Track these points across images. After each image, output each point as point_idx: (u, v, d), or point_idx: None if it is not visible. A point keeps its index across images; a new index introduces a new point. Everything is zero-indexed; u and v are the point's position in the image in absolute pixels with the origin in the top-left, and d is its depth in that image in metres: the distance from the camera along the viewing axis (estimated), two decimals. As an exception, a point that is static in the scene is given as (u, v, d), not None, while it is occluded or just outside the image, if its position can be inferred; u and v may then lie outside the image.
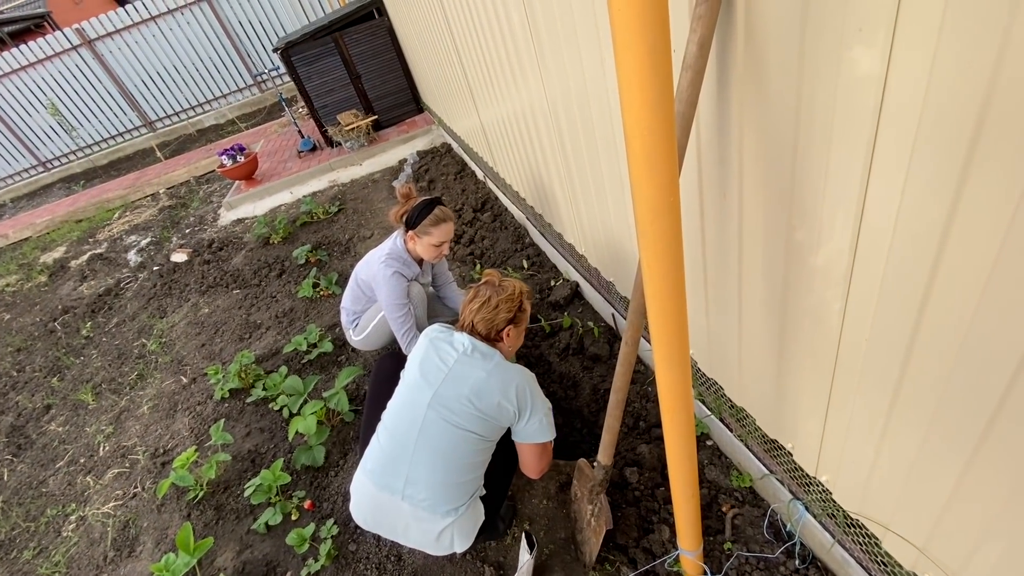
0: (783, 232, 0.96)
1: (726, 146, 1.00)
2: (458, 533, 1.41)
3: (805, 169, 0.85)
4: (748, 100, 0.90)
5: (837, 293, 0.91)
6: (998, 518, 0.80)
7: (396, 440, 1.43)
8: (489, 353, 1.48)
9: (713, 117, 1.00)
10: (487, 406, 1.40)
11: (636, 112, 0.64)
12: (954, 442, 0.81)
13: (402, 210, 2.03)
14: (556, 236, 2.61)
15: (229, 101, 9.79)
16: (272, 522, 1.90)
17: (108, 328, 3.86)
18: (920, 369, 0.81)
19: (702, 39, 0.84)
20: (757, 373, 1.29)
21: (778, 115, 0.85)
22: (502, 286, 1.54)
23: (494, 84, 2.55)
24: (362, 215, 4.24)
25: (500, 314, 1.50)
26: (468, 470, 1.42)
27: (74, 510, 2.37)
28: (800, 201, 0.89)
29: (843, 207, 0.81)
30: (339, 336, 2.80)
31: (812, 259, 0.93)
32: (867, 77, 0.68)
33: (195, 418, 2.62)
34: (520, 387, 1.43)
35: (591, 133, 1.66)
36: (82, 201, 7.17)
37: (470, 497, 1.44)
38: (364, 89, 5.54)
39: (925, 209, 0.68)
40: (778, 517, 1.47)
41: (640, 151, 0.66)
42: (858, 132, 0.72)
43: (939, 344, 0.76)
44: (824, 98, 0.75)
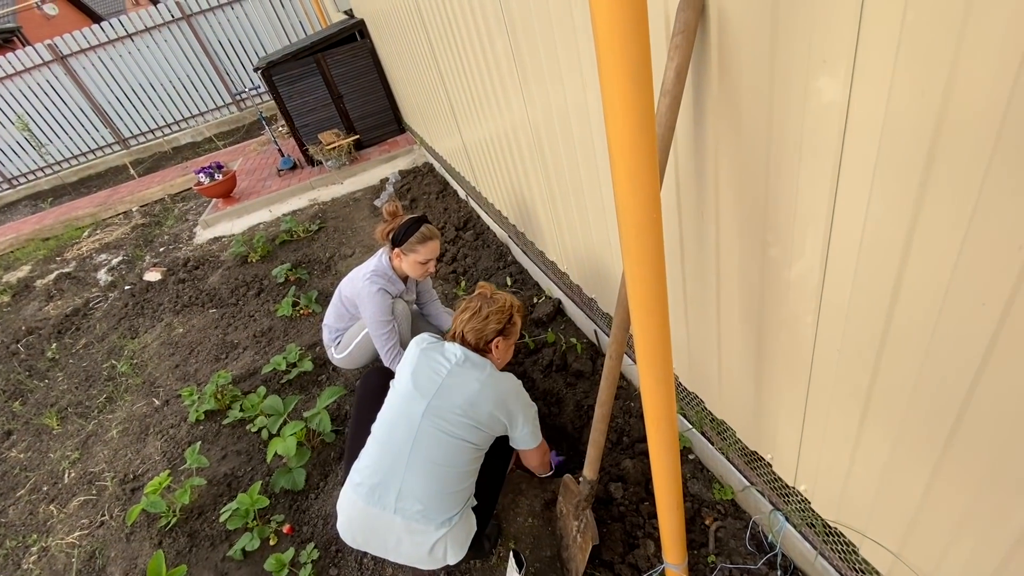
0: (758, 248, 1.01)
1: (703, 167, 1.05)
2: (452, 544, 1.40)
3: (777, 189, 0.90)
4: (723, 125, 0.95)
5: (810, 307, 0.95)
6: (965, 519, 0.84)
7: (389, 452, 1.42)
8: (481, 363, 1.49)
9: (690, 140, 1.05)
10: (481, 416, 1.42)
11: (620, 134, 0.67)
12: (922, 447, 0.86)
13: (388, 228, 2.05)
14: (538, 254, 2.65)
15: (207, 119, 9.69)
16: (249, 548, 1.85)
17: (75, 349, 3.73)
18: (888, 378, 0.86)
19: (679, 67, 0.90)
20: (736, 385, 1.33)
21: (751, 138, 0.90)
22: (493, 298, 1.58)
23: (477, 107, 2.60)
24: (343, 233, 4.23)
25: (490, 325, 1.53)
26: (461, 479, 1.42)
27: (36, 541, 2.26)
28: (773, 219, 0.94)
29: (813, 225, 0.86)
30: (320, 355, 2.77)
31: (786, 274, 0.98)
32: (831, 104, 0.73)
33: (168, 441, 2.53)
34: (509, 398, 1.46)
35: (573, 155, 1.71)
36: (49, 219, 6.96)
37: (463, 506, 1.43)
38: (346, 109, 5.57)
39: (887, 226, 0.73)
40: (760, 528, 1.50)
41: (624, 171, 0.69)
42: (825, 155, 0.77)
43: (904, 354, 0.80)
44: (793, 123, 0.80)
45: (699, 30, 0.89)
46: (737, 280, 1.12)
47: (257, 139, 7.76)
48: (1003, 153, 0.56)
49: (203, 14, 8.88)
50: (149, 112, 9.37)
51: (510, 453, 1.66)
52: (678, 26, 0.87)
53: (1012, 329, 0.64)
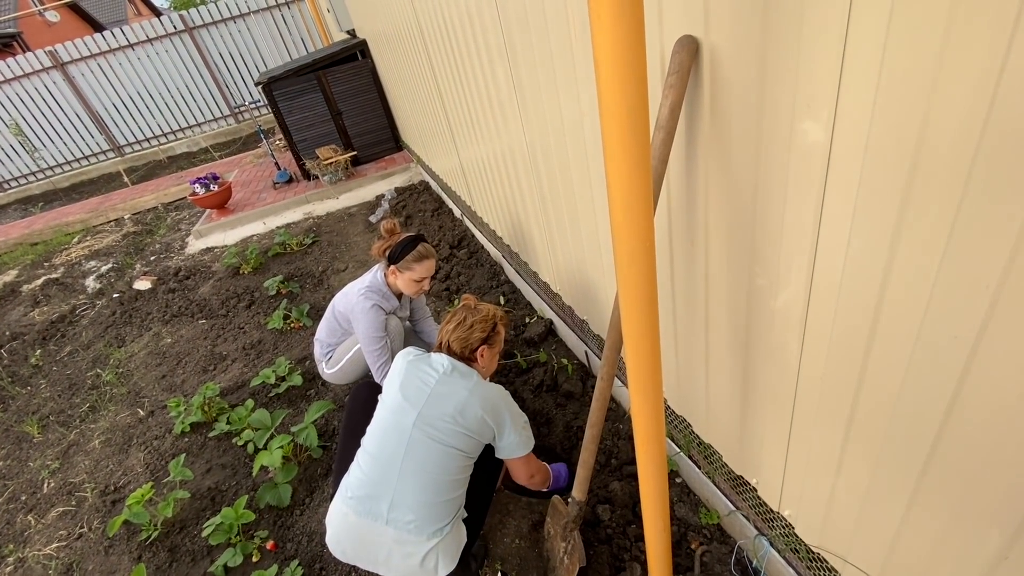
0: (745, 278, 1.05)
1: (693, 199, 1.09)
2: (443, 555, 1.40)
3: (764, 223, 0.94)
4: (713, 160, 1.00)
5: (795, 335, 0.99)
6: (942, 544, 0.87)
7: (380, 464, 1.43)
8: (468, 372, 1.53)
9: (682, 172, 1.10)
10: (471, 422, 1.44)
11: (617, 165, 0.71)
12: (900, 474, 0.89)
13: (386, 245, 2.07)
14: (531, 274, 2.68)
15: (204, 130, 9.73)
16: (232, 564, 1.82)
17: (60, 357, 3.68)
18: (867, 405, 0.89)
19: (673, 104, 0.95)
20: (723, 410, 1.36)
21: (739, 174, 0.94)
22: (477, 308, 1.64)
23: (476, 129, 2.66)
24: (337, 248, 4.24)
25: (474, 333, 1.57)
26: (452, 488, 1.43)
27: (12, 551, 2.20)
28: (760, 250, 0.98)
29: (798, 257, 0.90)
30: (309, 369, 2.76)
31: (772, 303, 1.02)
32: (815, 145, 0.78)
33: (151, 453, 2.50)
34: (498, 404, 1.49)
35: (568, 179, 1.76)
36: (39, 224, 6.90)
37: (454, 517, 1.44)
38: (344, 126, 5.64)
39: (867, 260, 0.77)
40: (745, 553, 1.51)
41: (620, 200, 0.73)
42: (809, 191, 0.82)
43: (882, 382, 0.84)
44: (779, 161, 0.85)
45: (692, 71, 0.94)
46: (725, 307, 1.16)
47: (254, 151, 7.79)
48: (972, 196, 0.61)
49: (206, 27, 8.99)
50: (146, 121, 9.40)
51: (499, 468, 1.67)
52: (673, 66, 0.93)
53: (983, 361, 0.68)
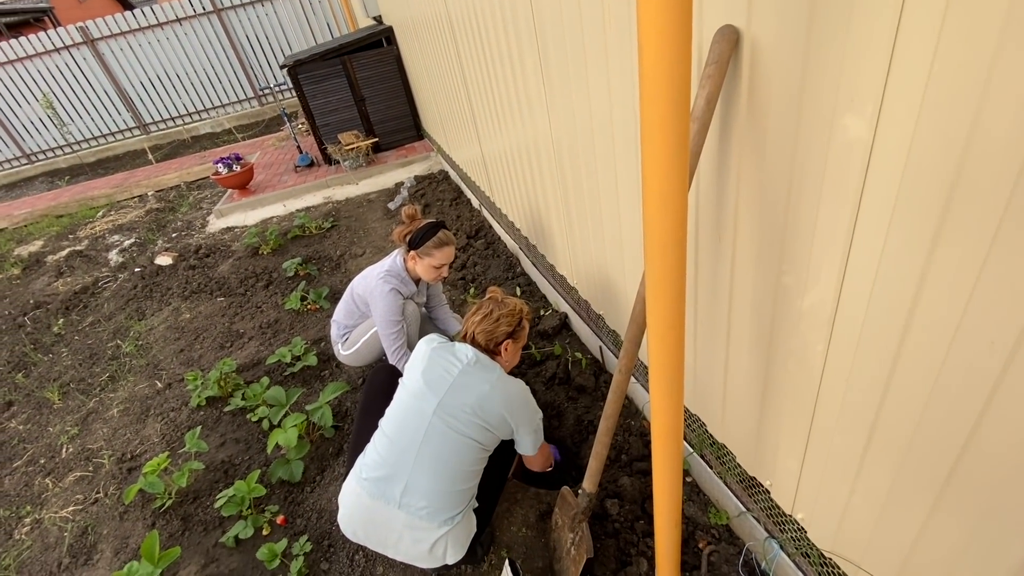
0: (773, 276, 1.04)
1: (724, 193, 1.08)
2: (452, 543, 1.41)
3: (796, 220, 0.93)
4: (747, 153, 0.98)
5: (821, 336, 0.98)
6: (961, 555, 0.85)
7: (397, 447, 1.44)
8: (491, 366, 1.53)
9: (714, 165, 1.09)
10: (491, 417, 1.44)
11: (655, 155, 0.71)
12: (922, 482, 0.87)
13: (406, 230, 2.08)
14: (548, 267, 2.68)
15: (228, 111, 9.83)
16: (242, 535, 1.85)
17: (82, 327, 3.76)
18: (894, 411, 0.88)
19: (709, 95, 0.93)
20: (740, 410, 1.35)
21: (773, 169, 0.93)
22: (504, 302, 1.63)
23: (500, 119, 2.65)
24: (355, 233, 4.27)
25: (500, 327, 1.57)
26: (466, 478, 1.45)
27: (29, 512, 2.26)
28: (790, 248, 0.97)
29: (829, 256, 0.89)
30: (324, 351, 2.79)
31: (799, 303, 1.00)
32: (856, 141, 0.76)
33: (168, 424, 2.55)
34: (518, 402, 1.49)
35: (593, 174, 1.75)
36: (65, 197, 7.04)
37: (465, 506, 1.45)
38: (367, 112, 5.66)
39: (903, 262, 0.76)
40: (753, 555, 1.50)
41: (655, 190, 0.72)
42: (846, 189, 0.80)
43: (912, 388, 0.82)
44: (816, 157, 0.83)
45: (731, 61, 0.93)
46: (750, 306, 1.15)
47: (276, 134, 7.86)
48: (1021, 198, 0.59)
49: (234, 9, 9.06)
50: (172, 100, 9.52)
51: (510, 460, 1.67)
52: (712, 56, 0.91)
53: (1019, 368, 0.66)
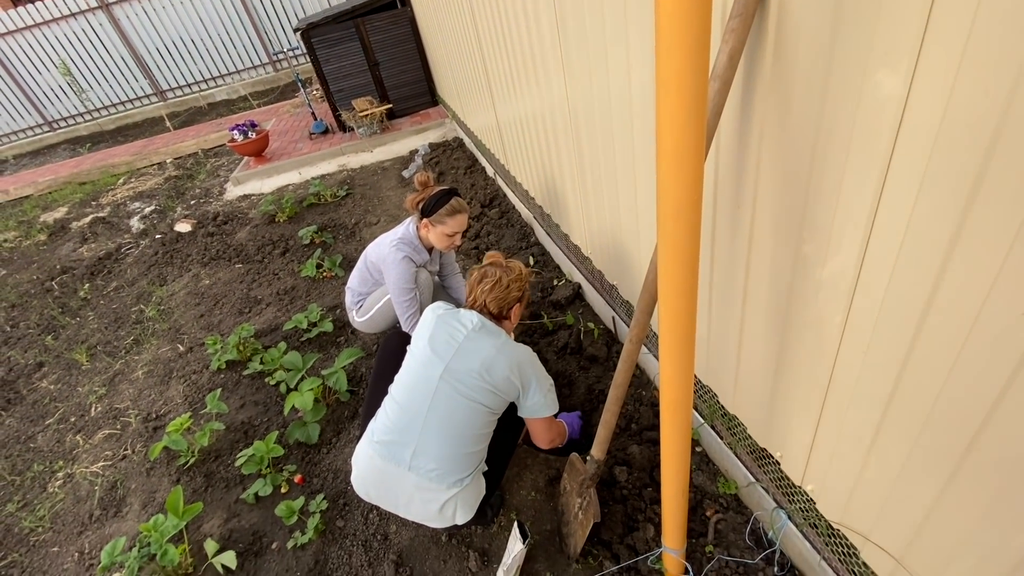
0: (792, 244, 1.00)
1: (744, 156, 1.04)
2: (461, 505, 1.45)
3: (819, 184, 0.89)
4: (770, 113, 0.94)
5: (839, 307, 0.95)
6: (974, 531, 0.84)
7: (407, 412, 1.47)
8: (496, 331, 1.54)
9: (735, 127, 1.04)
10: (497, 380, 1.45)
11: (670, 112, 0.67)
12: (938, 458, 0.85)
13: (419, 197, 2.06)
14: (562, 236, 2.64)
15: (243, 77, 9.77)
16: (262, 493, 1.92)
17: (106, 291, 3.86)
18: (912, 385, 0.85)
19: (732, 51, 0.88)
20: (753, 381, 1.33)
21: (798, 129, 0.88)
22: (509, 267, 1.64)
23: (515, 85, 2.58)
24: (369, 201, 4.27)
25: (511, 293, 1.59)
26: (475, 442, 1.47)
27: (61, 467, 2.38)
28: (812, 215, 0.93)
29: (853, 223, 0.85)
30: (340, 317, 2.82)
31: (818, 272, 0.97)
32: (888, 99, 0.72)
33: (190, 386, 2.63)
34: (524, 364, 1.50)
35: (609, 139, 1.70)
36: (87, 164, 7.14)
37: (474, 469, 1.48)
38: (381, 77, 5.56)
39: (932, 228, 0.72)
40: (760, 525, 1.51)
41: (670, 149, 0.69)
42: (874, 150, 0.76)
43: (933, 361, 0.80)
44: (845, 116, 0.79)
45: (757, 14, 0.88)
46: (767, 275, 1.11)
47: (291, 101, 7.81)
48: (1065, 160, 0.55)
49: (247, -29, 8.89)
50: (188, 66, 9.47)
51: (521, 425, 1.69)
52: (736, 9, 0.86)
53: (1050, 341, 0.63)
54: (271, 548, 1.78)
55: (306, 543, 1.74)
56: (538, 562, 1.57)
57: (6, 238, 5.40)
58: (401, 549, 1.68)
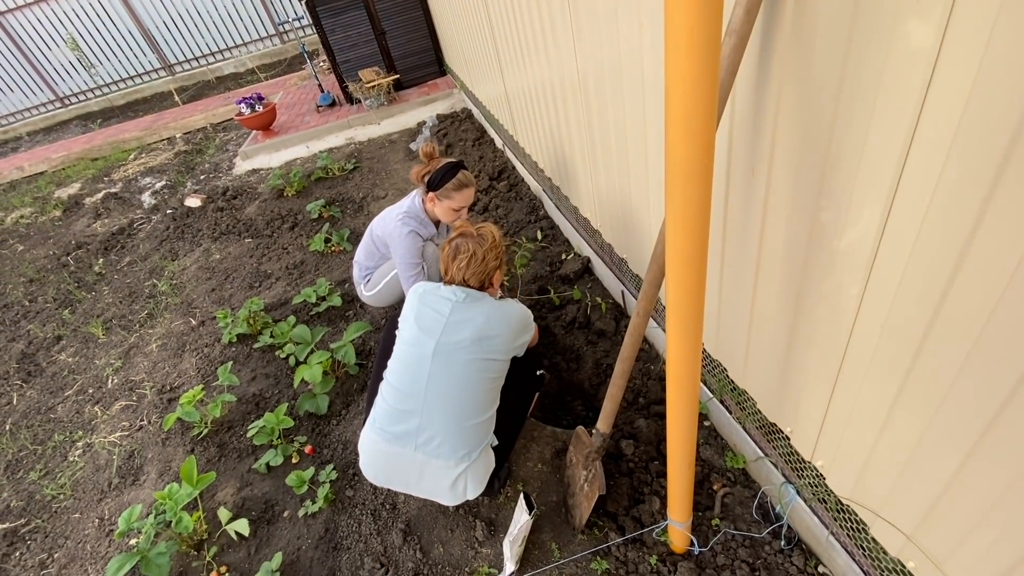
0: (809, 213, 0.96)
1: (761, 119, 0.98)
2: (472, 479, 1.46)
3: (840, 148, 0.83)
4: (790, 72, 0.88)
5: (857, 278, 0.91)
6: (992, 509, 0.82)
7: (405, 395, 1.47)
8: (479, 296, 1.55)
9: (751, 87, 0.98)
10: (493, 344, 1.47)
11: (679, 72, 0.63)
12: (956, 433, 0.82)
13: (424, 170, 2.01)
14: (572, 209, 2.59)
15: (250, 50, 9.64)
16: (273, 463, 1.96)
17: (120, 266, 3.91)
18: (933, 358, 0.82)
19: (749, 4, 0.82)
20: (764, 356, 1.30)
21: (819, 89, 0.83)
22: (481, 236, 1.58)
23: (524, 51, 2.50)
24: (377, 175, 4.22)
25: (489, 264, 1.57)
26: (478, 412, 1.47)
27: (81, 437, 2.44)
28: (831, 182, 0.88)
29: (875, 189, 0.80)
30: (348, 291, 2.83)
31: (836, 243, 0.92)
32: (919, 51, 0.66)
33: (202, 359, 2.66)
34: (513, 318, 1.55)
35: (620, 108, 1.63)
36: (98, 140, 7.15)
37: (483, 443, 1.48)
38: (388, 46, 5.44)
39: (962, 192, 0.67)
40: (768, 499, 1.50)
41: (679, 112, 0.65)
42: (902, 108, 0.71)
43: (956, 333, 0.76)
44: (871, 72, 0.73)
45: (778, -37, 0.81)
46: (782, 245, 1.07)
47: (298, 73, 7.71)
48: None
49: (251, -62, 8.67)
50: (195, 39, 9.36)
51: (529, 400, 1.69)
52: (755, -43, 0.80)
53: (1085, 313, 0.59)
54: (283, 516, 1.82)
55: (316, 512, 1.78)
56: (544, 533, 1.58)
57: (23, 214, 5.47)
58: (409, 518, 1.70)
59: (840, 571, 1.29)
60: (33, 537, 2.06)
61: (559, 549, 1.53)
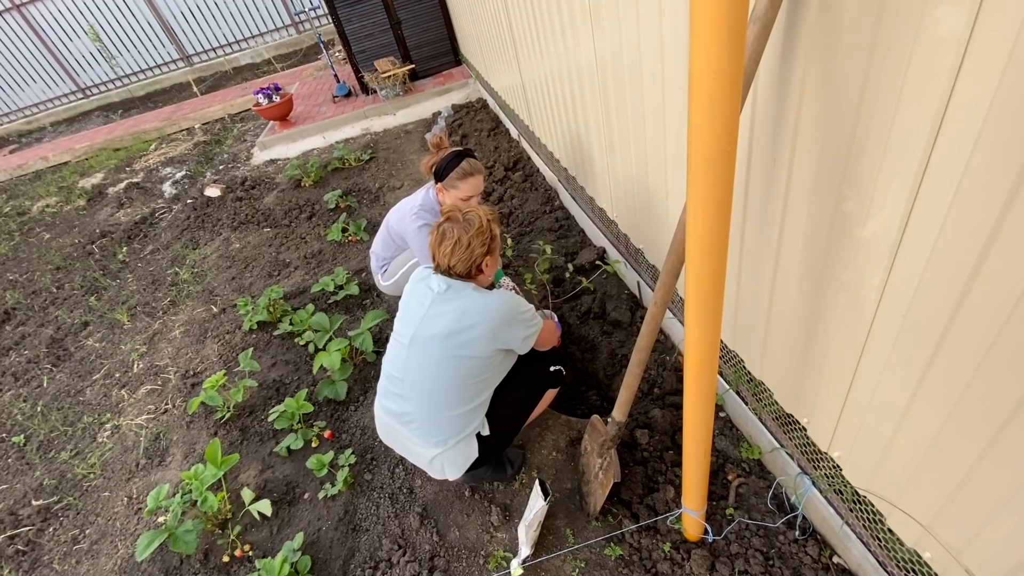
0: (831, 203, 0.95)
1: (784, 106, 0.98)
2: (448, 463, 1.54)
3: (865, 136, 0.83)
4: (814, 59, 0.87)
5: (879, 267, 0.90)
6: (1011, 499, 0.81)
7: (394, 379, 1.56)
8: (462, 288, 1.48)
9: (775, 74, 0.97)
10: (462, 341, 1.43)
11: (705, 55, 0.63)
12: (977, 425, 0.82)
13: (432, 161, 2.01)
14: (587, 200, 2.59)
15: (266, 40, 9.69)
16: (294, 447, 2.01)
17: (143, 254, 4.00)
18: (955, 349, 0.81)
19: (775, -10, 0.82)
20: (782, 347, 1.30)
21: (844, 76, 0.82)
22: (468, 220, 1.48)
23: (541, 41, 2.48)
24: (393, 165, 4.25)
25: (475, 250, 1.47)
26: (455, 405, 1.48)
27: (109, 419, 2.53)
28: (855, 170, 0.87)
29: (900, 177, 0.80)
30: (365, 280, 2.86)
31: (858, 232, 0.92)
32: (948, 37, 0.65)
33: (224, 345, 2.73)
34: (496, 315, 1.45)
35: (639, 95, 1.62)
36: (120, 130, 7.28)
37: (461, 433, 1.51)
38: (403, 36, 5.44)
39: (991, 179, 0.66)
40: (783, 490, 1.50)
41: (703, 96, 0.65)
42: (930, 96, 0.70)
43: (980, 323, 0.75)
44: (898, 59, 0.73)
45: (805, -52, 0.80)
46: (802, 235, 1.06)
47: (314, 63, 7.74)
48: None
49: (267, -72, 8.68)
50: (212, 29, 9.44)
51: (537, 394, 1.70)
52: (781, -58, 0.79)
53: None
54: (303, 498, 1.87)
55: (336, 494, 1.82)
56: (558, 519, 1.60)
57: (48, 203, 5.61)
58: (426, 502, 1.74)
59: (855, 561, 1.30)
60: (65, 514, 2.14)
61: (573, 535, 1.55)
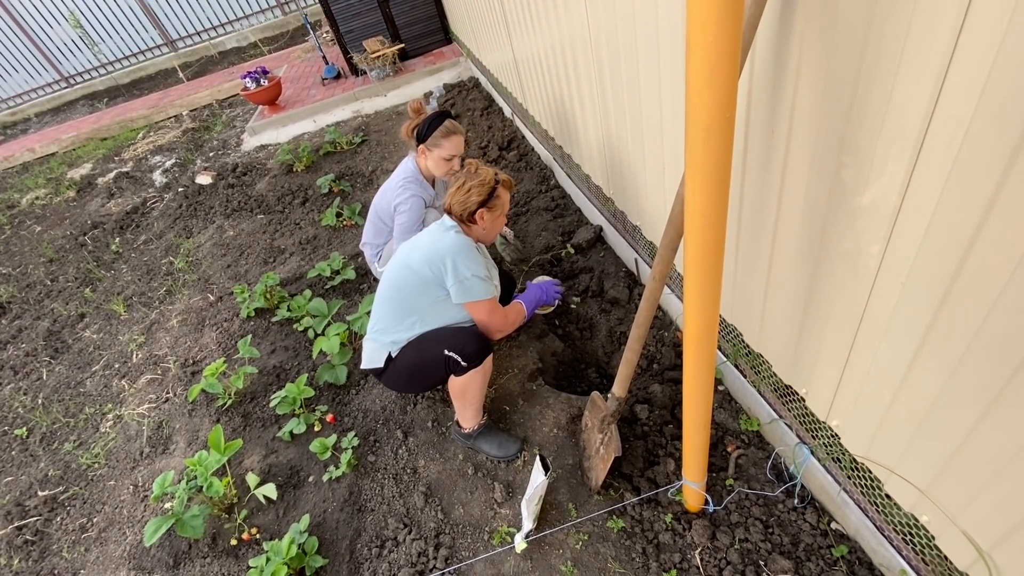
0: (830, 171, 0.94)
1: (781, 74, 0.96)
2: (364, 351, 1.75)
3: (864, 102, 0.82)
4: (813, 24, 0.85)
5: (878, 236, 0.90)
6: (1008, 462, 0.82)
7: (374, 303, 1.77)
8: (445, 228, 1.67)
9: (772, 40, 0.95)
10: (411, 257, 1.66)
11: (703, 18, 0.61)
12: (975, 390, 0.82)
13: (413, 124, 2.04)
14: (583, 178, 2.56)
15: (252, 23, 9.47)
16: (296, 431, 2.02)
17: (136, 244, 3.96)
18: (953, 315, 0.81)
19: (773, -48, 0.79)
20: (780, 318, 1.30)
21: (843, 41, 0.80)
22: (477, 172, 1.69)
23: (533, 14, 2.43)
24: (385, 147, 4.19)
25: (472, 197, 1.65)
26: (387, 311, 1.68)
27: (111, 409, 2.53)
28: (854, 137, 0.86)
29: (900, 143, 0.79)
30: (361, 265, 2.85)
31: (857, 200, 0.91)
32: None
33: (222, 333, 2.72)
34: (443, 253, 1.61)
35: (634, 68, 1.60)
36: (106, 119, 7.15)
37: (380, 338, 1.69)
38: (392, 14, 5.32)
39: (993, 140, 0.66)
40: (782, 460, 1.52)
41: (701, 61, 0.64)
42: (930, 59, 0.69)
43: (978, 291, 0.75)
44: (898, 21, 0.71)
45: (803, -94, 0.78)
46: (801, 205, 1.06)
47: (301, 45, 7.58)
48: None
49: (247, -96, 8.41)
50: (195, 12, 9.21)
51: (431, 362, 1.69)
52: (779, -100, 0.76)
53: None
54: (308, 481, 1.89)
55: (340, 476, 1.84)
56: (560, 493, 1.62)
57: (38, 195, 5.53)
58: (430, 481, 1.76)
59: (853, 527, 1.32)
60: (72, 503, 2.16)
61: (576, 509, 1.58)
